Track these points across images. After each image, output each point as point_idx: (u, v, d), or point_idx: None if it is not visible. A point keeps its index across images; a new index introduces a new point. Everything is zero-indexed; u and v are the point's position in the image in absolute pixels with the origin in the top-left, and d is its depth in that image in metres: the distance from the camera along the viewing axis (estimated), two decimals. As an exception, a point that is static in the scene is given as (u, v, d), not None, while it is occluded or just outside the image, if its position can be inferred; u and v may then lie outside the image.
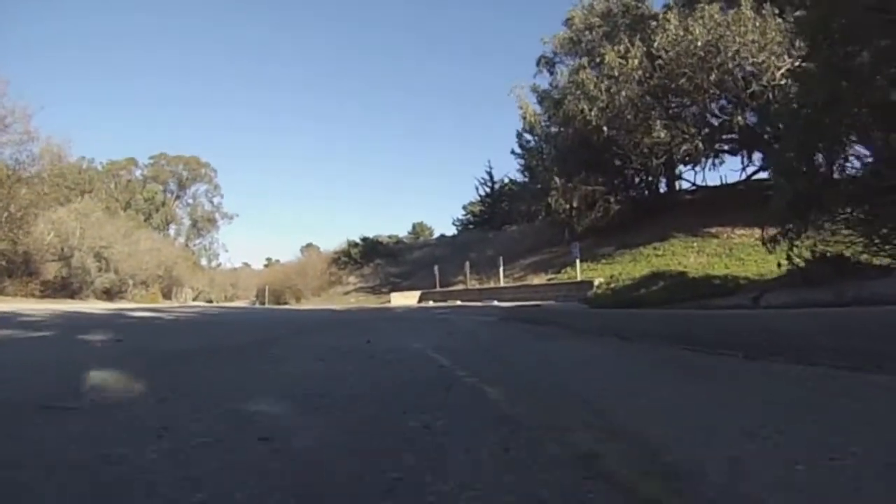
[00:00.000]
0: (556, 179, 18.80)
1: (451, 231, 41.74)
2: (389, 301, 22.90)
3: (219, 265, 73.73)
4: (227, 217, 71.74)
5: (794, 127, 6.18)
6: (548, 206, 19.58)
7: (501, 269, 19.55)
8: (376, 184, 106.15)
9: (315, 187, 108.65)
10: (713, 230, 18.08)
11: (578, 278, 15.34)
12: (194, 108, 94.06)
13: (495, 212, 37.42)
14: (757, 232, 17.56)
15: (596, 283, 13.35)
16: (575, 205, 19.14)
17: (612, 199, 19.88)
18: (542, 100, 23.51)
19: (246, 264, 78.46)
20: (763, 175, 22.15)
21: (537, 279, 18.37)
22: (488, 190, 39.02)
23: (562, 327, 6.73)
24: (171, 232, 69.23)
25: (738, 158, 21.90)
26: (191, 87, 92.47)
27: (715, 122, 19.22)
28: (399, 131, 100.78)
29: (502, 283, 19.09)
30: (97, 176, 62.77)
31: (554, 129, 21.06)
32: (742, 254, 15.73)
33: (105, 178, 63.56)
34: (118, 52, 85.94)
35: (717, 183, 23.68)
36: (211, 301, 56.98)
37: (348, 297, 28.57)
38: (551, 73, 26.28)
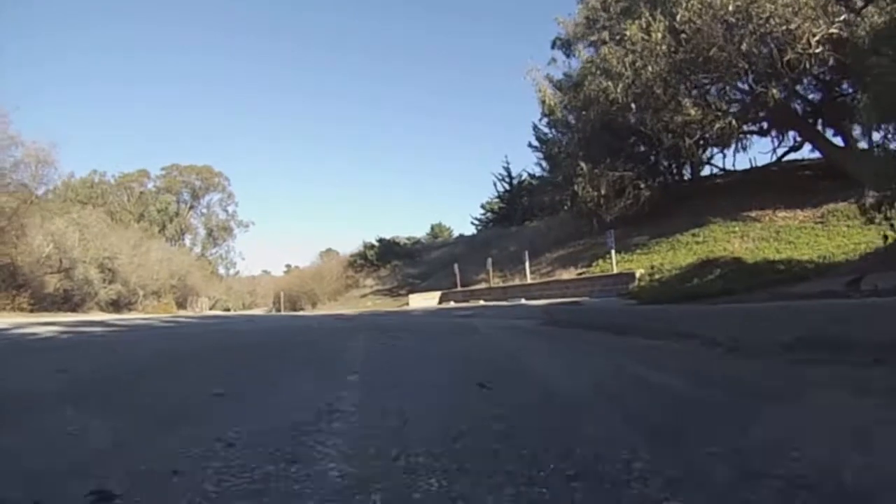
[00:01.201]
0: (582, 165, 17.47)
1: (470, 232, 40.45)
2: (407, 303, 21.73)
3: (237, 273, 73.43)
4: (242, 225, 71.31)
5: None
6: (574, 195, 18.26)
7: (527, 265, 18.24)
8: (394, 188, 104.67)
9: (332, 193, 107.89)
10: (752, 213, 16.85)
11: (615, 270, 14.07)
12: (206, 117, 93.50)
13: (515, 208, 36.21)
14: (800, 214, 16.37)
15: (637, 274, 12.07)
16: (603, 192, 17.81)
17: (641, 185, 18.54)
18: (560, 85, 22.24)
19: (265, 272, 77.97)
20: (795, 156, 20.86)
21: (566, 274, 17.10)
22: (507, 186, 37.82)
23: (680, 340, 3.85)
24: (187, 242, 69.10)
25: (766, 140, 20.75)
26: (201, 96, 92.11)
27: (746, 98, 17.85)
28: (414, 133, 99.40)
29: (529, 280, 17.82)
30: (109, 189, 62.92)
31: (574, 115, 19.71)
32: (790, 237, 14.57)
33: (117, 190, 63.66)
34: (126, 63, 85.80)
35: (747, 166, 22.44)
36: (228, 309, 56.76)
37: (365, 300, 27.49)
38: (568, 56, 25.03)
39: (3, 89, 60.99)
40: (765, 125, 20.03)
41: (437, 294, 22.14)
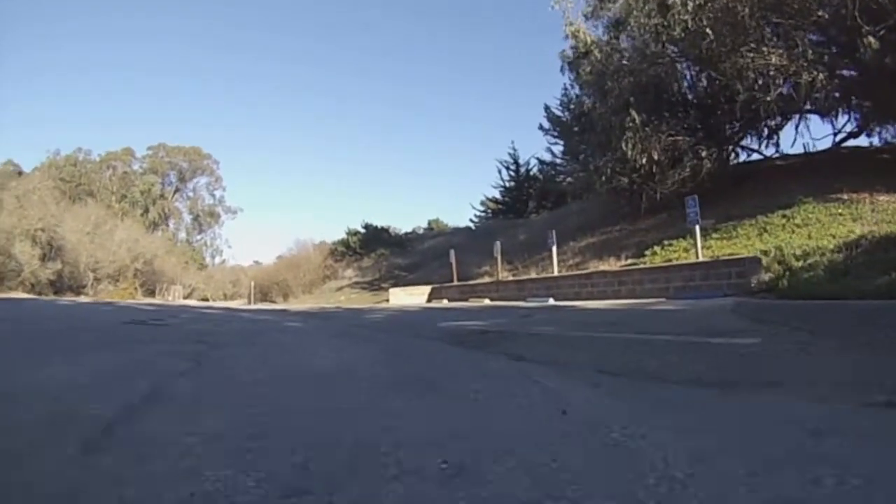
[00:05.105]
0: (634, 115, 12.70)
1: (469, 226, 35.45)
2: (388, 300, 16.90)
3: (223, 262, 68.58)
4: (230, 211, 66.58)
5: None
6: (621, 159, 13.38)
7: (555, 250, 13.29)
8: (393, 181, 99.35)
9: (331, 187, 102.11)
10: (844, 196, 12.49)
11: (700, 257, 9.34)
12: (199, 105, 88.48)
13: (523, 197, 31.65)
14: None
15: (764, 261, 7.38)
16: (655, 157, 13.08)
17: (703, 153, 13.88)
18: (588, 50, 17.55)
19: (257, 262, 73.09)
20: (855, 143, 16.39)
21: (604, 265, 12.32)
22: (513, 173, 33.17)
23: None
24: (171, 226, 64.68)
25: (822, 125, 16.40)
26: (193, 77, 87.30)
27: (826, 56, 13.32)
28: (414, 129, 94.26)
29: (556, 272, 12.93)
30: (93, 168, 58.98)
31: (616, 58, 14.91)
32: (929, 222, 10.26)
33: (101, 169, 59.70)
34: (118, 44, 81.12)
35: (800, 151, 17.95)
36: (206, 299, 52.40)
37: (339, 293, 22.70)
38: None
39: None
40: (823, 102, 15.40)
41: (427, 289, 17.29)
